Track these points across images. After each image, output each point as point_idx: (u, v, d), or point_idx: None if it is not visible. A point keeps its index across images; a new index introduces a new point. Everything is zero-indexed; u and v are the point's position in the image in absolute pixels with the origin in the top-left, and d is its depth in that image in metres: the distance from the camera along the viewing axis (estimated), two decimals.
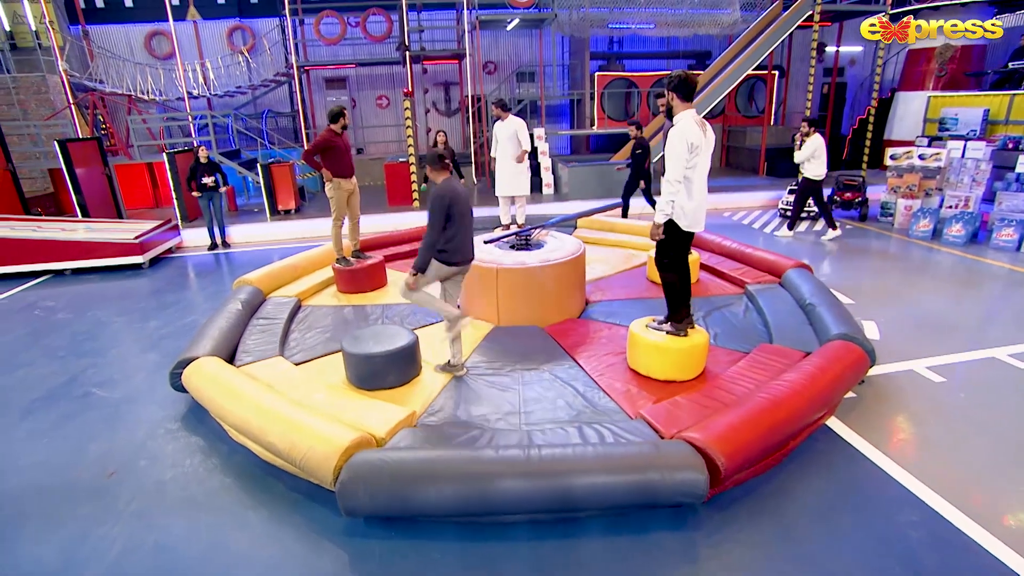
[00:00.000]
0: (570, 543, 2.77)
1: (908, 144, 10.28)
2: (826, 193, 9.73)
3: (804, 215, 9.39)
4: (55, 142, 9.50)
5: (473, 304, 5.19)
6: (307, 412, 3.32)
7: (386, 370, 3.93)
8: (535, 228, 5.81)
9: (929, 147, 9.33)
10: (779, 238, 8.60)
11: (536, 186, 12.25)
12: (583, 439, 3.16)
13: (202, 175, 8.62)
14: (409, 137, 10.76)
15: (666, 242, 3.83)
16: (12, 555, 2.82)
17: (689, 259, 4.01)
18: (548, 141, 12.80)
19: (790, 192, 9.63)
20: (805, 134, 7.98)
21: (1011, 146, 9.94)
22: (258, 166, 10.84)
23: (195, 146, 8.92)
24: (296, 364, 4.37)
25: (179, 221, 10.01)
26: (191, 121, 13.23)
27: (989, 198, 8.47)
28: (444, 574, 2.62)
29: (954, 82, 13.20)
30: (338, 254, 6.17)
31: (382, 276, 6.29)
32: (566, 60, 16.70)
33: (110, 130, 13.51)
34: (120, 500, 3.18)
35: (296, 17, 13.85)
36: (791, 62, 14.73)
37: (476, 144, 14.33)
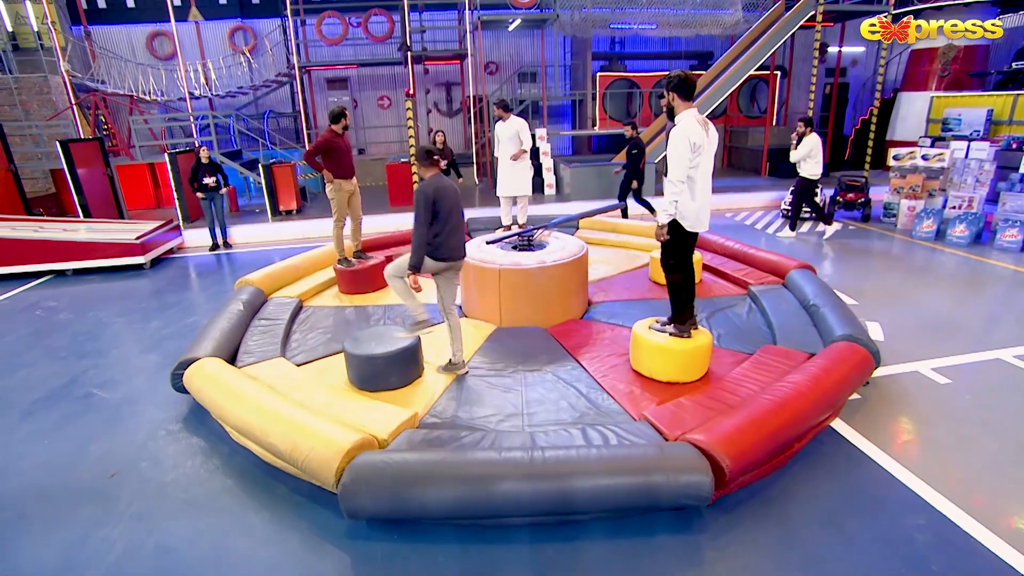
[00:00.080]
0: (573, 546, 2.75)
1: (911, 145, 10.27)
2: (828, 193, 9.76)
3: (804, 215, 9.37)
4: (57, 142, 9.52)
5: (475, 305, 5.18)
6: (309, 413, 3.31)
7: (388, 371, 3.91)
8: (537, 229, 5.80)
9: (932, 147, 9.30)
10: (781, 239, 8.58)
11: (538, 186, 12.25)
12: (587, 441, 3.14)
13: (203, 175, 8.62)
14: (411, 138, 10.76)
15: (671, 243, 3.81)
16: (12, 556, 2.81)
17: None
18: (550, 141, 12.79)
19: (792, 193, 9.59)
20: (801, 133, 7.97)
21: (1015, 146, 9.90)
22: (259, 167, 10.85)
23: (196, 146, 8.92)
24: (298, 365, 4.36)
25: (180, 221, 10.01)
26: (192, 121, 13.23)
27: (993, 199, 8.44)
28: None
29: (957, 82, 13.18)
30: (340, 255, 6.16)
31: (383, 277, 6.26)
32: (568, 60, 16.70)
33: (112, 130, 13.51)
34: (121, 501, 3.17)
35: (298, 17, 13.85)
36: (793, 62, 14.71)
37: (478, 145, 14.32)
